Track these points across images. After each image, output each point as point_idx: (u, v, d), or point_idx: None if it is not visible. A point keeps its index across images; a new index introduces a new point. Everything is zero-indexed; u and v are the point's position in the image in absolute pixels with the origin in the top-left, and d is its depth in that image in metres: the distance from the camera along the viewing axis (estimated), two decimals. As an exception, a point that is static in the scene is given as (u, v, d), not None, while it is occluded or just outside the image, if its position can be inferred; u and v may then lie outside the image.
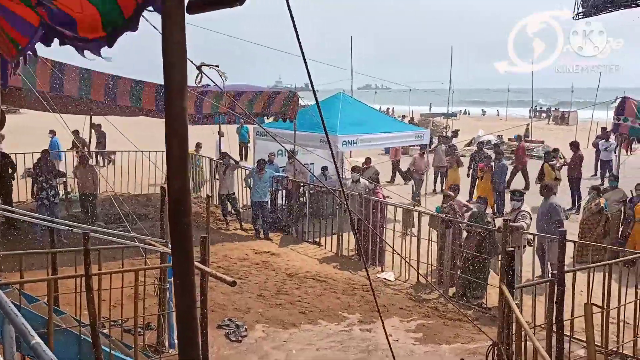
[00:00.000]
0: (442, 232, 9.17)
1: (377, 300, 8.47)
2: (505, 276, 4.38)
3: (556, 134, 35.90)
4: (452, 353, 6.68)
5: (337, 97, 13.62)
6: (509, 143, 30.84)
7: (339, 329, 7.45)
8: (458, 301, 8.61)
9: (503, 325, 4.35)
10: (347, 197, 11.30)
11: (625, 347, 6.31)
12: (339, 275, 9.71)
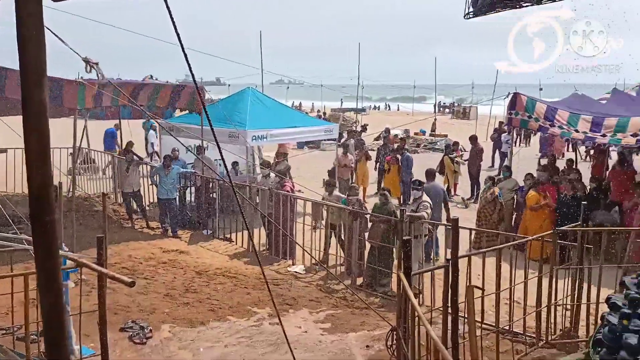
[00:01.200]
0: (349, 224, 9.39)
1: (286, 293, 8.63)
2: (402, 264, 4.57)
3: (458, 128, 37.75)
4: (358, 340, 6.89)
5: (245, 93, 13.52)
6: (415, 137, 32.17)
7: (248, 324, 7.43)
8: (365, 290, 8.88)
9: (401, 310, 4.55)
10: (258, 192, 11.28)
11: (517, 325, 6.80)
12: (249, 270, 9.67)
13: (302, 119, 14.62)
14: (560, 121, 11.29)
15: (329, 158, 18.21)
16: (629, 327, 3.67)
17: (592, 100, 13.00)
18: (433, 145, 27.62)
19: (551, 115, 11.40)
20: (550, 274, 6.55)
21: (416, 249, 8.57)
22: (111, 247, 10.46)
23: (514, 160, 16.42)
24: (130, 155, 12.64)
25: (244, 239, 11.01)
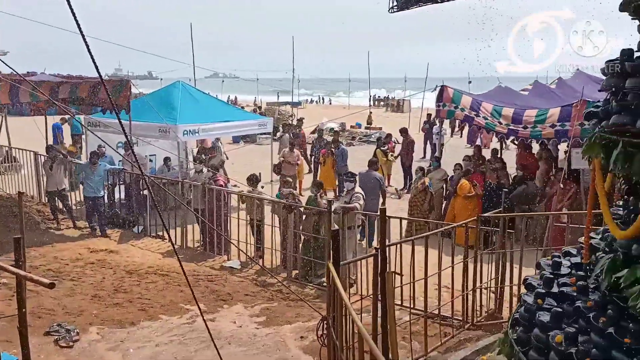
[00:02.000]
0: (284, 217, 9.40)
1: (220, 289, 8.54)
2: (331, 254, 4.63)
3: (392, 121, 38.50)
4: (293, 332, 6.92)
5: (175, 86, 13.19)
6: (350, 130, 32.55)
7: (180, 322, 7.30)
8: (301, 282, 8.93)
9: (331, 300, 4.61)
10: (190, 187, 11.07)
11: (445, 309, 7.04)
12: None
13: (235, 113, 14.44)
14: (485, 112, 11.75)
15: (265, 152, 18.15)
16: (542, 306, 3.87)
17: (514, 92, 13.59)
18: (368, 138, 28.04)
19: (476, 107, 11.85)
20: (475, 258, 6.82)
21: (350, 240, 8.72)
22: (36, 249, 9.99)
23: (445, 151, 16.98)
24: (53, 152, 12.07)
25: (177, 236, 10.78)
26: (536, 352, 3.56)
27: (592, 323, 3.33)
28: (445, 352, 6.14)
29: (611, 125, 3.29)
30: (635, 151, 3.14)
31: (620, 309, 3.34)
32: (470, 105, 11.96)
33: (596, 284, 3.74)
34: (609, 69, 3.38)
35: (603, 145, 3.49)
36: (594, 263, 3.91)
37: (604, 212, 3.62)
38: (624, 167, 3.24)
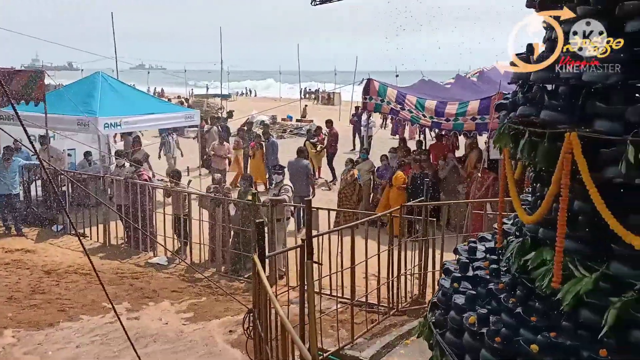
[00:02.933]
0: (212, 211, 9.26)
1: (145, 286, 8.31)
2: (256, 246, 4.62)
3: (323, 113, 38.73)
4: (221, 327, 6.86)
5: (95, 78, 12.62)
6: (282, 122, 32.50)
7: (103, 321, 7.04)
8: (231, 276, 8.85)
9: (256, 292, 4.60)
10: (112, 182, 10.67)
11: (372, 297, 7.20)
12: (105, 266, 9.15)
13: (160, 106, 14.01)
14: (410, 105, 12.07)
15: (192, 146, 17.77)
16: (458, 289, 4.05)
17: (437, 85, 14.06)
18: (299, 131, 28.10)
19: (401, 100, 12.15)
20: (399, 247, 7.01)
21: (279, 232, 8.73)
22: (-56, 251, 9.33)
23: (373, 143, 17.32)
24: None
25: (99, 233, 10.37)
26: (452, 334, 3.72)
27: (502, 304, 3.51)
28: (372, 338, 6.29)
29: (518, 116, 3.47)
30: (539, 141, 3.32)
31: (528, 290, 3.54)
32: (395, 99, 12.25)
33: (507, 266, 3.95)
34: (516, 62, 3.57)
35: (512, 135, 3.68)
36: (506, 247, 4.12)
37: (513, 199, 3.82)
38: (529, 156, 3.42)
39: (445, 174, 11.51)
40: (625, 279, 2.91)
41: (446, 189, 11.41)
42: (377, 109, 12.82)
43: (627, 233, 2.83)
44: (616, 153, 2.80)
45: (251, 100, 54.66)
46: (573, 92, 3.07)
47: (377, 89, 12.39)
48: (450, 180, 11.47)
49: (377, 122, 25.37)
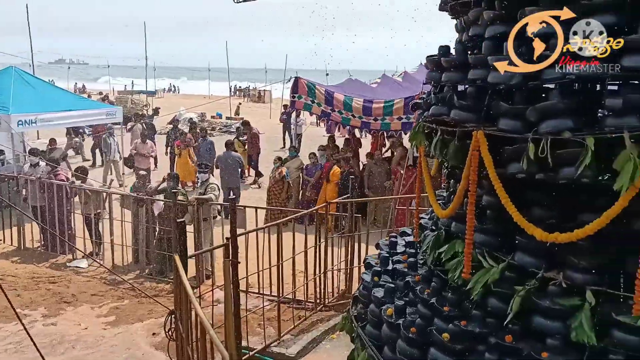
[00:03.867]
0: (135, 211, 8.99)
1: (64, 291, 7.95)
2: (178, 246, 4.54)
3: (254, 112, 38.54)
4: (144, 330, 6.68)
5: (7, 72, 11.90)
6: (211, 120, 31.98)
7: (17, 328, 6.66)
8: (156, 277, 8.63)
9: (177, 293, 4.52)
10: (26, 182, 10.12)
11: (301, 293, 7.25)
12: (20, 270, 8.68)
13: (79, 102, 13.43)
14: (338, 105, 12.23)
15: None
16: (379, 283, 4.17)
17: (364, 85, 14.33)
18: (228, 128, 27.78)
19: (330, 100, 12.29)
20: (325, 242, 7.10)
21: (206, 232, 8.60)
22: None
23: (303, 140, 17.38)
24: None
25: (12, 236, 9.81)
26: (372, 326, 3.82)
27: (418, 295, 3.64)
28: (299, 334, 6.34)
29: (431, 116, 3.62)
30: (450, 139, 3.48)
31: (442, 281, 3.70)
32: (325, 99, 12.37)
33: (424, 259, 4.11)
34: (429, 64, 3.71)
35: (426, 133, 3.83)
36: (422, 241, 4.28)
37: (429, 194, 3.97)
38: (442, 154, 3.58)
39: (372, 171, 11.77)
40: (528, 268, 3.10)
41: (372, 186, 11.67)
42: (307, 109, 12.90)
43: (530, 225, 3.00)
44: (518, 150, 2.97)
45: (180, 97, 53.36)
46: (480, 92, 3.23)
47: (306, 87, 12.47)
48: (377, 178, 11.74)
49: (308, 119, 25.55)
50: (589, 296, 2.82)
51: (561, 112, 2.77)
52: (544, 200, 3.10)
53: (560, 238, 2.85)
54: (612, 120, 2.64)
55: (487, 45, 3.16)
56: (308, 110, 12.99)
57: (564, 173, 2.79)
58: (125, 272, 8.73)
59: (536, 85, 2.96)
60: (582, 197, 2.97)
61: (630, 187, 2.55)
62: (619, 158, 2.60)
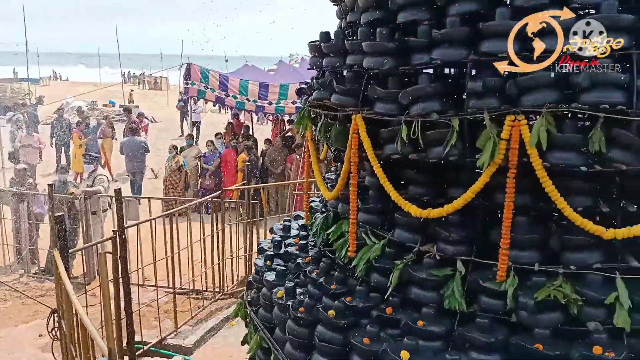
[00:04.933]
0: (15, 208, 8.38)
1: None
2: (57, 241, 4.30)
3: (151, 99, 37.14)
4: (29, 331, 6.30)
5: None
6: (102, 108, 30.37)
7: None
8: (43, 276, 8.14)
9: (59, 290, 4.30)
10: None
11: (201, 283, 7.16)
12: None
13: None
14: (233, 90, 12.10)
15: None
16: (271, 267, 4.22)
17: (260, 71, 14.28)
18: (121, 117, 26.52)
19: (224, 85, 12.12)
20: (222, 230, 7.06)
21: (96, 225, 8.21)
22: None
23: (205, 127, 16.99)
24: None
25: None
26: (264, 310, 3.87)
27: (308, 276, 3.74)
28: (196, 324, 6.28)
29: (314, 100, 3.69)
30: (332, 123, 3.58)
31: (331, 261, 3.82)
32: (219, 85, 12.18)
33: (315, 241, 4.21)
34: (311, 50, 3.78)
35: (312, 118, 3.92)
36: (313, 223, 4.38)
37: (317, 177, 4.07)
38: (326, 137, 3.67)
39: (273, 157, 11.80)
40: (406, 243, 3.28)
41: (274, 172, 11.71)
42: (200, 95, 12.64)
43: (406, 203, 3.18)
44: (393, 132, 3.12)
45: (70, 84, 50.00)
46: (358, 77, 3.35)
47: (199, 73, 12.21)
48: (278, 164, 11.79)
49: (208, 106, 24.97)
50: (459, 266, 3.05)
51: (429, 95, 2.94)
52: (419, 179, 3.28)
53: (432, 213, 3.04)
54: (474, 102, 2.83)
55: (362, 32, 3.27)
56: (202, 97, 12.74)
57: (434, 153, 2.97)
58: (8, 272, 8.14)
59: (407, 70, 3.10)
60: (451, 174, 3.18)
61: (491, 164, 2.77)
62: (481, 137, 2.82)
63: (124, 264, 4.91)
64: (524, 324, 2.78)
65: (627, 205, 2.81)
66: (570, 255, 2.81)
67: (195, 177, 12.19)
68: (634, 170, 2.64)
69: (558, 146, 2.66)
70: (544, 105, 2.63)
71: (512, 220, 2.82)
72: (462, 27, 2.80)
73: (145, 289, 6.87)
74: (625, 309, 2.66)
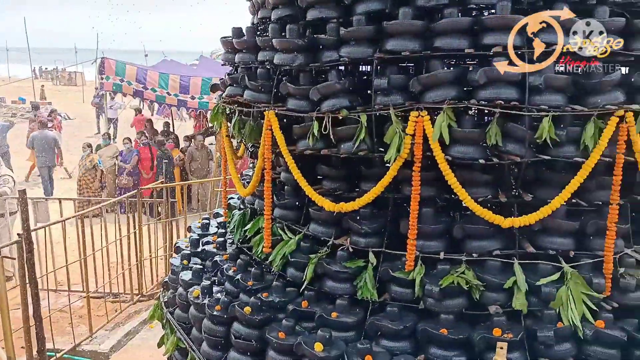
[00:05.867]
0: None
1: None
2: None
3: (65, 95, 35.39)
4: None
5: None
6: (11, 105, 28.57)
7: None
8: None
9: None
10: None
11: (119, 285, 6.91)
12: None
13: None
14: (152, 83, 11.73)
15: None
16: (188, 266, 4.15)
17: (181, 65, 13.93)
18: (31, 115, 25.03)
19: (142, 78, 11.73)
20: (139, 230, 6.85)
21: (3, 229, 7.72)
22: None
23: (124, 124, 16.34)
24: None
25: None
26: (181, 310, 3.81)
27: (225, 273, 3.72)
28: (113, 329, 6.07)
29: (227, 96, 3.67)
30: (246, 119, 3.57)
31: (248, 258, 3.82)
32: (136, 78, 11.77)
33: (232, 238, 4.19)
34: (223, 45, 3.75)
35: (227, 114, 3.88)
36: (231, 220, 4.35)
37: (232, 174, 4.04)
38: (240, 133, 3.66)
39: (194, 155, 11.55)
40: (321, 237, 3.34)
41: (195, 170, 11.47)
42: (117, 89, 12.14)
43: (319, 197, 3.22)
44: (305, 128, 3.16)
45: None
46: (270, 74, 3.36)
47: (115, 67, 11.73)
48: (199, 162, 11.56)
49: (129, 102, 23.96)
50: (371, 257, 3.14)
51: (338, 92, 3.00)
52: (332, 174, 3.34)
53: (345, 207, 3.11)
54: (380, 98, 2.92)
55: (272, 28, 3.28)
56: (119, 91, 12.25)
57: (344, 148, 3.04)
58: None
59: (317, 67, 3.15)
60: (362, 169, 3.27)
61: (398, 158, 2.87)
62: (388, 132, 2.91)
63: (31, 269, 4.65)
64: (431, 311, 2.91)
65: (523, 195, 2.99)
66: (472, 243, 2.96)
67: (113, 176, 11.71)
68: (528, 162, 2.83)
69: (459, 140, 2.80)
70: (444, 101, 2.76)
71: (419, 211, 2.93)
72: (368, 26, 2.87)
73: (59, 294, 6.54)
74: (522, 292, 2.84)
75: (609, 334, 2.72)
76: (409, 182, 2.89)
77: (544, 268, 2.87)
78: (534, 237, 2.98)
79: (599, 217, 2.90)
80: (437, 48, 2.78)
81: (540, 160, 2.83)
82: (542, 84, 2.67)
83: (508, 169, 3.08)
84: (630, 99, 2.76)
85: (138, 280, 6.85)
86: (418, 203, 2.90)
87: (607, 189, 2.82)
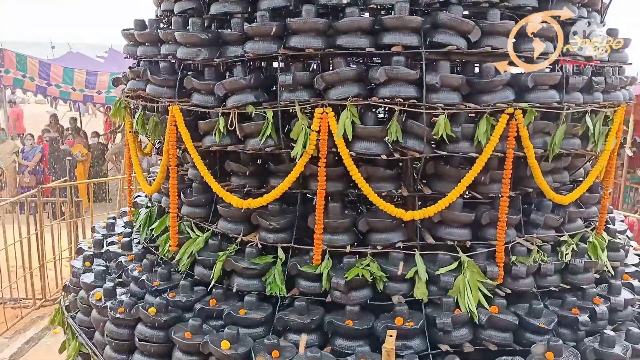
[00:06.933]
0: None
1: None
2: None
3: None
4: None
5: None
6: None
7: None
8: None
9: None
10: None
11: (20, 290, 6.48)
12: None
13: None
14: (56, 79, 11.09)
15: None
16: (91, 268, 3.95)
17: (88, 59, 13.27)
18: None
19: (45, 73, 11.06)
20: (41, 231, 6.47)
21: None
22: None
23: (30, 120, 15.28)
24: None
25: None
26: (83, 314, 3.64)
27: (130, 274, 3.59)
28: (14, 336, 5.70)
29: (130, 90, 3.54)
30: (150, 114, 3.46)
31: (155, 257, 3.71)
32: (38, 73, 11.07)
33: (138, 238, 4.04)
34: (125, 37, 3.61)
35: (131, 109, 3.74)
36: (137, 219, 4.20)
37: (136, 171, 3.90)
38: (144, 129, 3.54)
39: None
40: (230, 234, 3.30)
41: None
42: (17, 84, 11.36)
43: (227, 194, 3.18)
44: (212, 124, 3.11)
45: None
46: (174, 67, 3.28)
47: (15, 60, 10.97)
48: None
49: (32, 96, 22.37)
50: (280, 253, 3.15)
51: (244, 87, 2.97)
52: (240, 170, 3.31)
53: (252, 204, 3.09)
54: (286, 94, 2.93)
55: (175, 21, 3.19)
56: (19, 87, 11.48)
57: (251, 143, 3.03)
58: None
59: (222, 62, 3.10)
60: (270, 165, 3.27)
61: (304, 154, 2.90)
62: (294, 128, 2.93)
63: None
64: (337, 303, 2.96)
65: (424, 189, 3.12)
66: (376, 236, 3.05)
67: (13, 175, 10.95)
68: (427, 157, 2.95)
69: (362, 137, 2.87)
70: (347, 98, 2.81)
71: (326, 206, 2.98)
72: (272, 22, 2.87)
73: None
74: (423, 281, 2.96)
75: (502, 318, 2.90)
76: (316, 177, 2.93)
77: (443, 258, 3.00)
78: (434, 228, 3.12)
79: (493, 209, 3.08)
80: (339, 46, 2.82)
81: (438, 156, 2.96)
82: (438, 83, 2.78)
83: (410, 164, 3.19)
84: (519, 97, 2.95)
85: (41, 284, 6.47)
86: (324, 198, 2.95)
87: (499, 182, 3.00)
